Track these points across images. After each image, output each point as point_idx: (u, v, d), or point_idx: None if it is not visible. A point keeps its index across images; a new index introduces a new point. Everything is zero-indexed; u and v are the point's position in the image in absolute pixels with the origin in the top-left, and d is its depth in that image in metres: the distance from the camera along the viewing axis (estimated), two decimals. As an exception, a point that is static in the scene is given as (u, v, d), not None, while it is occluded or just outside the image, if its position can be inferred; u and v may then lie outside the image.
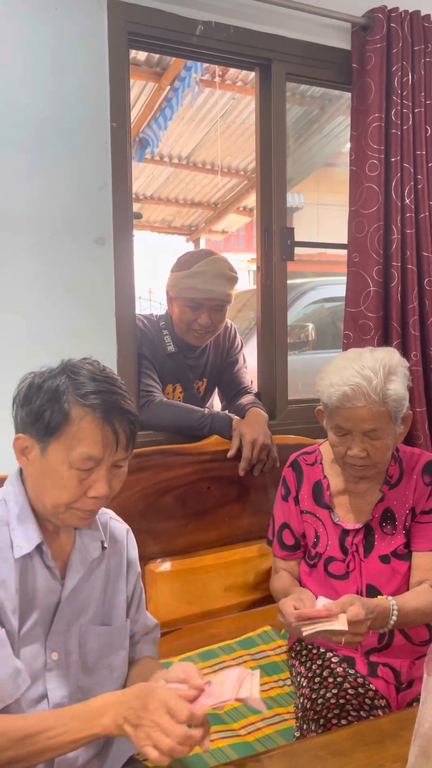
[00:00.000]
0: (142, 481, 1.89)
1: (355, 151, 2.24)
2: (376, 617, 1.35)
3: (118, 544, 1.28)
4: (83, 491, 1.10)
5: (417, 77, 2.24)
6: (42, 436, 1.09)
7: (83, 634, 1.18)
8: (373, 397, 1.43)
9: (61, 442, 1.08)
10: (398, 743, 1.06)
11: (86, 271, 1.89)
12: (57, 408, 1.07)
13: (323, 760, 1.05)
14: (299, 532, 1.66)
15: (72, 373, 1.10)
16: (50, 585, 1.14)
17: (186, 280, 2.10)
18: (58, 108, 1.82)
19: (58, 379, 1.09)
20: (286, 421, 2.27)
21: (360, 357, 1.49)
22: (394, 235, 2.21)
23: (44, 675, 1.12)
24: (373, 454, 1.49)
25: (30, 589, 1.12)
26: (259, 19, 2.10)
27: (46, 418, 1.07)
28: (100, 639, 1.20)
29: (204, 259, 2.11)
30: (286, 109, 2.25)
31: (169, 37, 1.98)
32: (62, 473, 1.08)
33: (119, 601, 1.25)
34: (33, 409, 1.09)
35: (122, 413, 1.10)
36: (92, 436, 1.08)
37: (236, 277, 2.15)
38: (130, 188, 1.96)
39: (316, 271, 6.48)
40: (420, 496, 1.58)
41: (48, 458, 1.09)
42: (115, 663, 1.22)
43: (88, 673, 1.18)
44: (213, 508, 1.99)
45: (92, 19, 1.85)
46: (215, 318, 2.14)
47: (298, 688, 1.55)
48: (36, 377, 1.12)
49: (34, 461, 1.11)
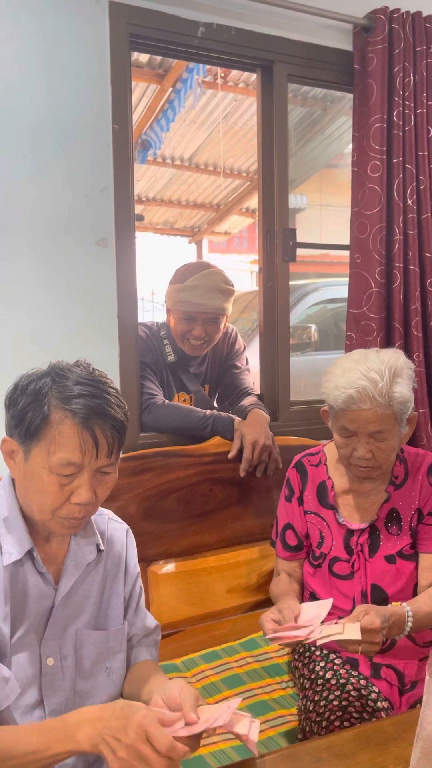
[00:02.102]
0: (145, 483, 1.89)
1: (357, 152, 2.24)
2: (392, 625, 1.36)
3: (117, 545, 1.26)
4: (65, 497, 1.07)
5: (419, 78, 2.24)
6: (24, 439, 1.07)
7: (79, 638, 1.16)
8: (378, 400, 1.43)
9: (42, 446, 1.05)
10: (401, 745, 1.06)
11: (88, 272, 1.89)
12: (38, 410, 1.05)
13: (326, 763, 1.05)
14: (302, 532, 1.66)
15: (57, 376, 1.08)
16: (42, 590, 1.12)
17: (180, 294, 2.11)
18: (59, 110, 1.82)
19: (42, 381, 1.07)
20: (289, 423, 2.27)
21: (366, 359, 1.49)
22: (396, 236, 2.21)
23: (39, 681, 1.11)
24: (379, 455, 1.49)
25: (21, 595, 1.10)
26: (260, 20, 2.10)
27: (27, 420, 1.05)
28: (96, 642, 1.18)
29: (199, 273, 2.12)
30: (287, 111, 2.25)
31: (171, 39, 1.99)
32: (43, 478, 1.06)
33: (117, 603, 1.23)
34: (17, 412, 1.07)
35: (104, 419, 1.06)
36: (70, 442, 1.05)
37: (232, 289, 2.15)
38: (131, 190, 1.96)
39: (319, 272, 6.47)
40: (426, 496, 1.58)
41: (30, 462, 1.07)
42: (113, 666, 1.20)
43: (85, 677, 1.17)
44: (215, 509, 1.99)
45: (94, 22, 1.85)
46: (210, 329, 2.14)
47: (301, 690, 1.55)
48: (23, 379, 1.10)
49: (20, 465, 1.09)
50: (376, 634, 1.27)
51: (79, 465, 1.06)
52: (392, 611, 1.37)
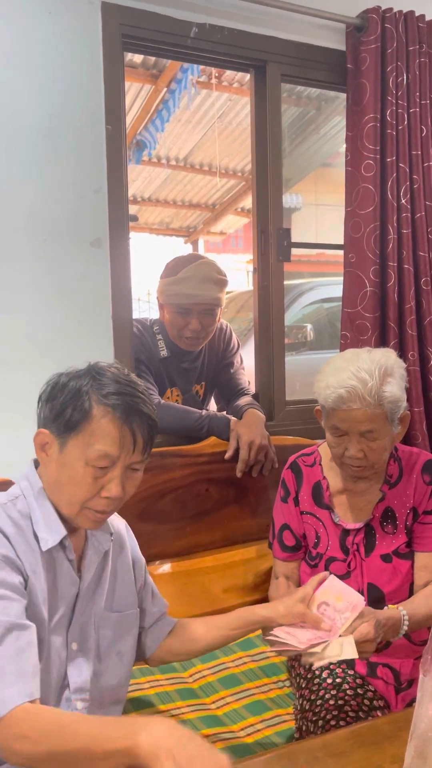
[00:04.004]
0: (141, 484, 1.86)
1: (351, 152, 2.24)
2: (388, 629, 1.37)
3: (118, 531, 1.32)
4: (96, 490, 1.13)
5: (412, 77, 2.24)
6: (62, 431, 1.12)
7: (98, 620, 1.22)
8: (368, 400, 1.43)
9: (80, 438, 1.11)
10: (396, 744, 1.06)
11: (83, 273, 1.89)
12: (79, 405, 1.11)
13: (321, 762, 1.05)
14: (300, 533, 1.66)
15: (97, 374, 1.14)
16: (72, 578, 1.18)
17: (173, 287, 2.10)
18: (52, 111, 1.82)
19: (83, 379, 1.13)
20: (284, 422, 2.27)
21: (357, 358, 1.49)
22: (390, 235, 2.21)
23: (66, 665, 1.16)
24: (370, 455, 1.49)
25: (55, 581, 1.15)
26: (253, 20, 2.10)
27: (68, 415, 1.11)
28: (113, 625, 1.24)
29: (190, 264, 2.11)
30: (281, 110, 2.25)
31: (164, 39, 1.99)
32: (78, 469, 1.11)
33: (125, 587, 1.29)
34: (56, 406, 1.13)
35: (141, 416, 1.14)
36: (110, 435, 1.11)
37: (225, 279, 2.15)
38: (125, 191, 1.96)
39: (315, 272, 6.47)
40: (421, 495, 1.58)
41: (66, 454, 1.12)
42: (124, 649, 1.26)
43: (100, 659, 1.22)
44: (212, 509, 1.99)
45: (86, 22, 1.85)
46: (206, 322, 2.13)
47: (298, 689, 1.55)
48: (62, 376, 1.16)
49: (52, 457, 1.14)
50: (370, 643, 1.28)
51: (114, 458, 1.12)
52: (388, 615, 1.38)
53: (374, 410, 1.45)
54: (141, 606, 1.34)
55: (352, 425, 1.47)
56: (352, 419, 1.46)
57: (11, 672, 0.99)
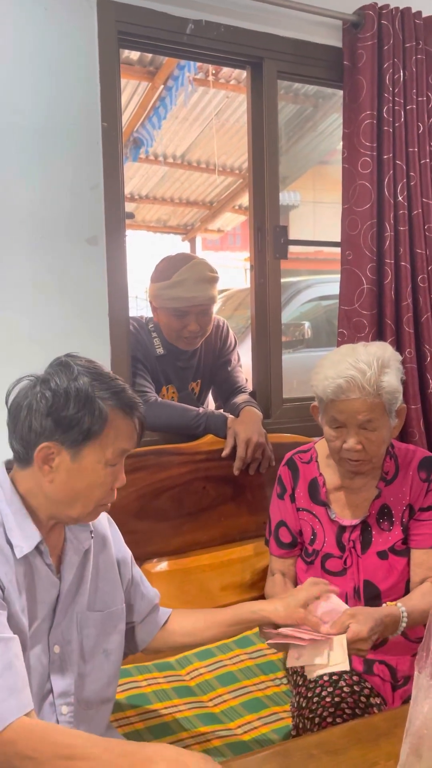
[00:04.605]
0: (138, 482, 1.88)
1: (348, 149, 2.23)
2: (387, 626, 1.37)
3: (99, 527, 1.30)
4: (112, 485, 1.15)
5: (408, 74, 2.23)
6: (79, 441, 1.10)
7: (80, 621, 1.20)
8: (367, 389, 1.45)
9: (96, 443, 1.11)
10: (392, 741, 1.06)
11: (79, 271, 1.88)
12: (96, 413, 1.10)
13: (317, 759, 1.05)
14: (296, 529, 1.66)
15: (90, 374, 1.12)
16: (51, 581, 1.16)
17: (168, 291, 2.08)
18: (48, 108, 1.81)
19: (80, 381, 1.11)
20: (281, 420, 2.27)
21: (354, 351, 1.52)
22: (387, 232, 2.21)
23: (48, 669, 1.14)
24: (368, 447, 1.50)
25: (33, 588, 1.13)
26: (249, 17, 2.10)
27: (85, 425, 1.09)
28: (96, 624, 1.23)
29: (183, 266, 2.09)
30: (278, 107, 2.25)
31: (160, 36, 1.98)
32: (98, 472, 1.12)
33: (109, 585, 1.27)
34: (65, 418, 1.09)
35: (137, 405, 1.16)
36: (126, 432, 1.14)
37: (217, 276, 2.14)
38: (121, 188, 1.95)
39: (313, 270, 6.47)
40: (417, 492, 1.59)
41: (82, 461, 1.11)
42: (110, 647, 1.25)
43: (86, 659, 1.21)
44: (209, 507, 1.99)
45: (82, 19, 1.84)
46: (202, 321, 2.13)
47: (295, 686, 1.55)
48: (54, 384, 1.10)
49: (60, 467, 1.11)
50: (363, 642, 1.28)
51: (128, 451, 1.16)
52: (387, 612, 1.38)
53: (373, 400, 1.46)
54: (130, 602, 1.32)
55: (350, 416, 1.48)
56: (350, 410, 1.47)
57: (3, 687, 0.98)
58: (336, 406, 1.49)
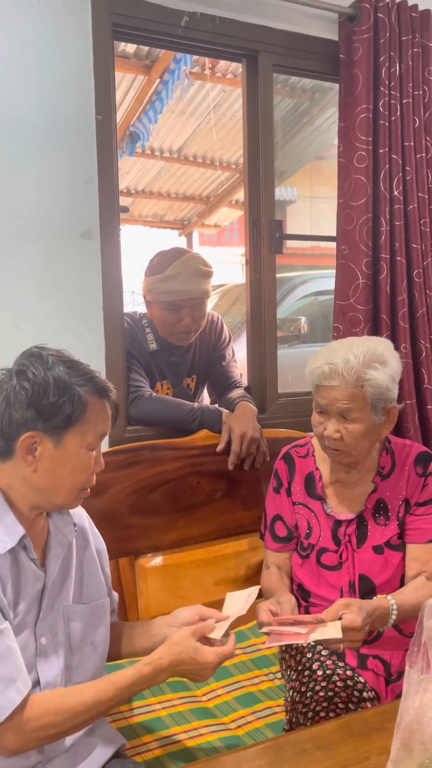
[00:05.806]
0: (132, 477, 1.88)
1: (343, 143, 2.23)
2: (376, 618, 1.38)
3: (79, 520, 1.31)
4: (93, 469, 1.19)
5: (404, 68, 2.22)
6: (61, 427, 1.13)
7: (67, 613, 1.22)
8: (346, 378, 1.48)
9: (77, 428, 1.14)
10: (384, 735, 1.06)
11: (73, 265, 1.87)
12: (76, 399, 1.13)
13: (309, 754, 1.05)
14: (292, 523, 1.67)
15: (64, 362, 1.15)
16: (36, 574, 1.16)
17: (162, 285, 2.08)
18: (42, 101, 1.80)
19: (55, 370, 1.13)
20: (276, 415, 2.27)
21: (351, 343, 1.55)
22: (382, 227, 2.20)
23: (35, 661, 1.15)
24: (347, 437, 1.51)
25: (18, 582, 1.13)
26: (245, 9, 2.08)
27: (66, 411, 1.12)
28: (83, 617, 1.24)
29: (177, 260, 2.09)
30: (273, 101, 2.24)
31: (154, 28, 1.97)
32: (81, 456, 1.16)
33: (93, 578, 1.29)
34: (46, 406, 1.12)
35: (109, 389, 1.19)
36: (103, 415, 1.18)
37: (211, 271, 2.14)
38: (116, 182, 1.94)
39: (310, 264, 6.46)
40: (413, 487, 1.59)
41: (65, 447, 1.14)
42: (97, 640, 1.26)
43: (73, 651, 1.22)
44: (203, 502, 1.99)
45: (76, 11, 1.83)
46: (197, 315, 2.12)
47: (288, 681, 1.55)
48: (31, 374, 1.12)
49: (43, 455, 1.13)
50: (357, 632, 1.28)
51: (105, 434, 1.20)
52: (376, 605, 1.39)
53: (352, 390, 1.48)
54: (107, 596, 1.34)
55: (330, 402, 1.51)
56: (331, 396, 1.50)
57: (3, 675, 1.03)
58: (320, 392, 1.54)
